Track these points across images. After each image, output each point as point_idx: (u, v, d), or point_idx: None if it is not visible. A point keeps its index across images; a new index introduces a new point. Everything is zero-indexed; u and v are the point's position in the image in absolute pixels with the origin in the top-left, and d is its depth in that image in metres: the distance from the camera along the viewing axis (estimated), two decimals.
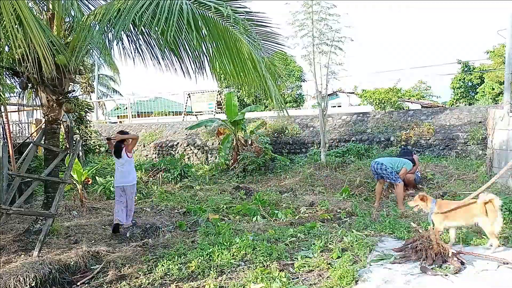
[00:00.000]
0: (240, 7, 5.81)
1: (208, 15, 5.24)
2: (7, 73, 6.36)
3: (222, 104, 16.62)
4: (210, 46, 5.65)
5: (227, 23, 5.39)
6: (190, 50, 5.76)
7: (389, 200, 7.81)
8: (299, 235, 5.65)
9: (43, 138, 6.36)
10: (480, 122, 11.02)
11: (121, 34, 5.54)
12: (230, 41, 5.43)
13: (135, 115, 21.70)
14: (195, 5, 5.15)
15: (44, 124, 6.60)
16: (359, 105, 22.48)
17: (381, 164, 7.45)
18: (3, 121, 8.80)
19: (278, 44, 6.74)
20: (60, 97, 6.14)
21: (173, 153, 14.41)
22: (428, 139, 11.21)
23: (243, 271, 4.40)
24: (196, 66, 6.01)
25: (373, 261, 4.56)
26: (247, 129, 12.64)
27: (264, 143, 11.88)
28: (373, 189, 8.32)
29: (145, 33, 5.90)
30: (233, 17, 4.93)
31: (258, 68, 5.49)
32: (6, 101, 8.58)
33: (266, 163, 11.45)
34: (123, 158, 6.42)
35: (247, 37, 5.65)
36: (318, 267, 4.45)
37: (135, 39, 5.93)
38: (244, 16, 5.70)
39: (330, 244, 5.14)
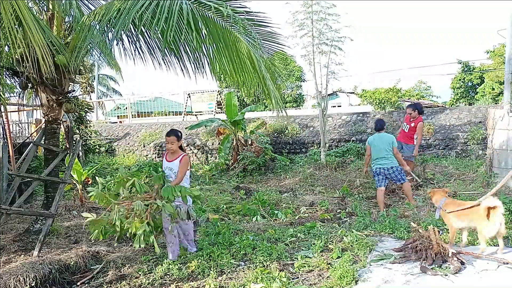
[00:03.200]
0: (240, 7, 5.80)
1: (208, 15, 5.23)
2: (7, 73, 6.36)
3: (222, 104, 16.62)
4: (210, 46, 5.64)
5: (227, 23, 5.39)
6: (190, 50, 5.75)
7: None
8: (299, 235, 5.65)
9: (43, 138, 6.36)
10: (480, 122, 11.02)
11: (121, 34, 5.53)
12: (229, 41, 5.42)
13: (135, 115, 21.69)
14: (195, 5, 5.14)
15: (44, 124, 6.60)
16: (359, 105, 22.47)
17: (382, 167, 6.98)
18: (3, 121, 8.79)
19: (278, 44, 6.73)
20: (60, 97, 6.14)
21: None
22: (428, 139, 11.21)
23: (243, 271, 4.40)
24: (196, 66, 6.00)
25: (373, 261, 4.56)
26: (247, 129, 12.62)
27: (264, 143, 11.88)
28: (371, 187, 8.35)
29: (145, 33, 5.90)
30: (233, 17, 4.93)
31: (257, 68, 5.48)
32: (6, 101, 8.57)
33: (266, 163, 11.44)
34: None
35: (246, 37, 5.64)
36: (318, 267, 4.44)
37: (135, 39, 5.92)
38: (244, 16, 5.69)
39: (330, 244, 5.13)
